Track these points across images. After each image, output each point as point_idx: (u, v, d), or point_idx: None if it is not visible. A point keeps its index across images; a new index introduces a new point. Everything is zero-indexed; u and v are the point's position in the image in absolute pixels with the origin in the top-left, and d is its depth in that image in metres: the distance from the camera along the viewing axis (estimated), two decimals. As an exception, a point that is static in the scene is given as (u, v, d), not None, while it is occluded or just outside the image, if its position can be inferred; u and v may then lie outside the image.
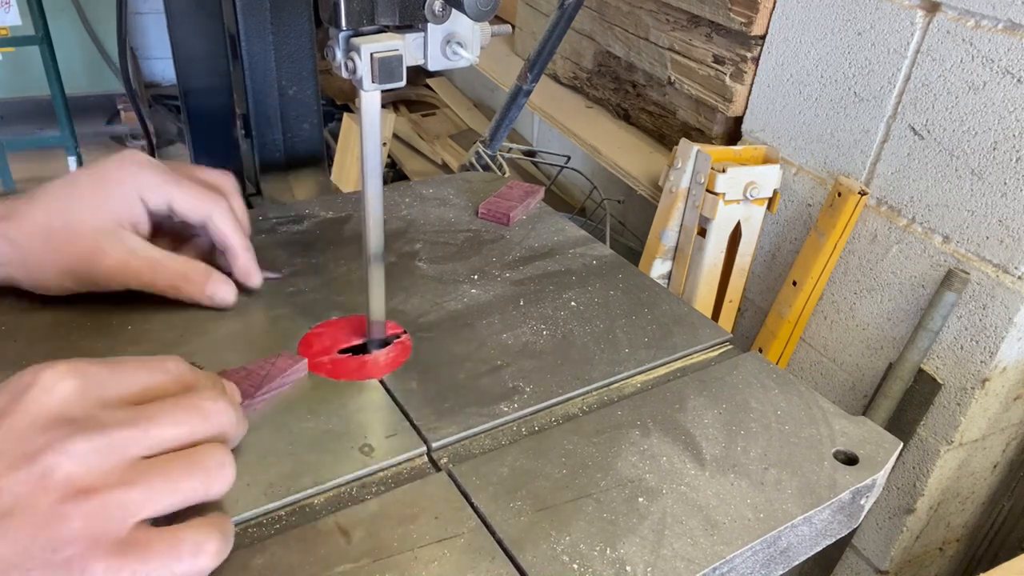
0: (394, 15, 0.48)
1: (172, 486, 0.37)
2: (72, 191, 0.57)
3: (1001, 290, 1.07)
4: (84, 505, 0.35)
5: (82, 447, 0.35)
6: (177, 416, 0.39)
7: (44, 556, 0.34)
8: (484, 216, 0.80)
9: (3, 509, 0.34)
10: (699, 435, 0.53)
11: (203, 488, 0.39)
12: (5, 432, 0.35)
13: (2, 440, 0.35)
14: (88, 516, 0.35)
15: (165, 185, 0.58)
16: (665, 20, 1.58)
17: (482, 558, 0.43)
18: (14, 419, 0.36)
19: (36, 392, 0.37)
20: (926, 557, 1.36)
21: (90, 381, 0.38)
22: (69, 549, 0.34)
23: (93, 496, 0.35)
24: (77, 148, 2.47)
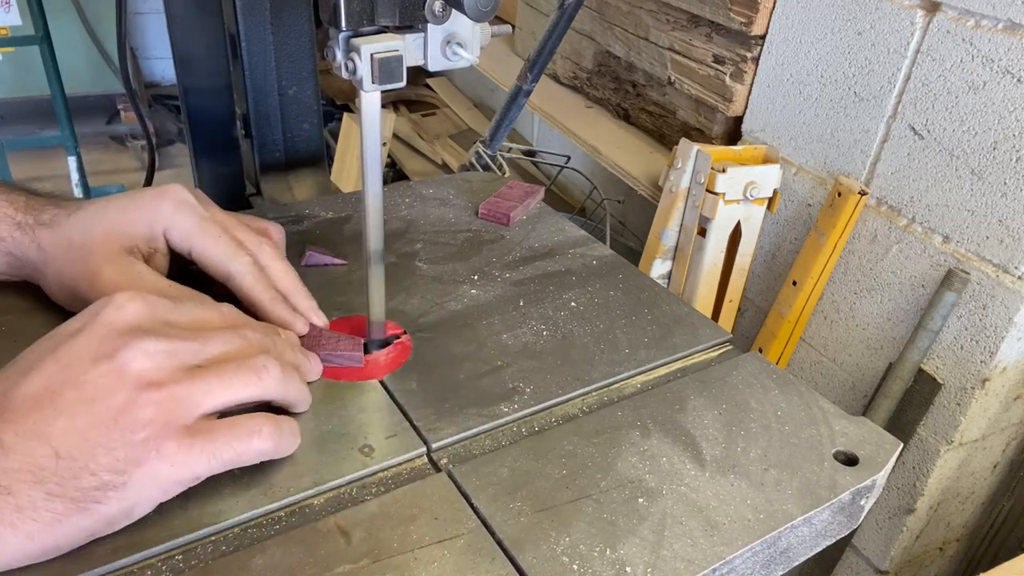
0: (394, 15, 0.48)
1: (226, 381, 0.44)
2: (103, 210, 0.57)
3: (1001, 290, 1.07)
4: (155, 395, 0.41)
5: (153, 346, 0.42)
6: (227, 337, 0.47)
7: (124, 437, 0.40)
8: (484, 216, 0.80)
9: (88, 398, 0.40)
10: (699, 436, 0.53)
11: (255, 384, 0.46)
12: (87, 339, 0.42)
13: (86, 344, 0.42)
14: (158, 404, 0.41)
15: (193, 231, 0.57)
16: (665, 20, 1.58)
17: (482, 559, 0.43)
18: (94, 329, 0.42)
19: (111, 309, 0.43)
20: (926, 557, 1.36)
21: (155, 306, 0.45)
22: (144, 431, 0.40)
23: (162, 388, 0.41)
24: (77, 148, 2.47)
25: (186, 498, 0.45)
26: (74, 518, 0.39)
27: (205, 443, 0.42)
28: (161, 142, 3.49)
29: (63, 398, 0.40)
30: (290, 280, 0.60)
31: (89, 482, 0.39)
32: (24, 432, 0.39)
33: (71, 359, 0.41)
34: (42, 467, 0.38)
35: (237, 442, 0.44)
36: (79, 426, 0.39)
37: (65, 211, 0.57)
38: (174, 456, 0.41)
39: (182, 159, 3.38)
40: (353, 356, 0.57)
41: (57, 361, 0.41)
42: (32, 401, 0.40)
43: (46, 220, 0.56)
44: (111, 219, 0.56)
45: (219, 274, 0.57)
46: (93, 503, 0.39)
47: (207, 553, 0.43)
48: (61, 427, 0.39)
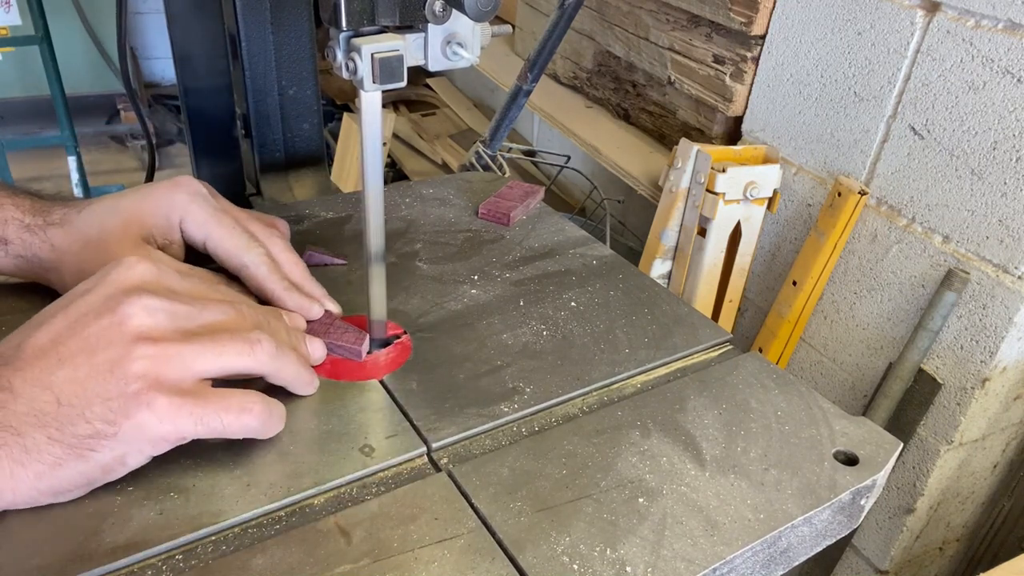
0: (394, 15, 0.48)
1: (219, 347, 0.46)
2: (116, 204, 0.57)
3: (1001, 290, 1.07)
4: (149, 349, 0.43)
5: (153, 303, 0.44)
6: (224, 308, 0.48)
7: (119, 387, 0.42)
8: (484, 216, 0.80)
9: (90, 348, 0.42)
10: (699, 435, 0.53)
11: (247, 355, 0.47)
12: (94, 295, 0.45)
13: (93, 301, 0.44)
14: (151, 359, 0.43)
15: (207, 221, 0.58)
16: (665, 20, 1.58)
17: (482, 559, 0.43)
18: (102, 287, 0.45)
19: (120, 269, 0.46)
20: (926, 557, 1.36)
21: (162, 271, 0.48)
22: (137, 384, 0.42)
23: (156, 344, 0.43)
24: (77, 148, 2.47)
25: (186, 498, 0.45)
26: (72, 462, 0.42)
27: (194, 406, 0.44)
28: (161, 142, 3.48)
29: (67, 348, 0.42)
30: (300, 271, 0.61)
31: (84, 429, 0.41)
32: (31, 379, 0.42)
33: (78, 314, 0.44)
34: (44, 412, 0.41)
35: (226, 413, 0.45)
36: (79, 375, 0.42)
37: (75, 209, 0.57)
38: (163, 412, 0.43)
39: (182, 159, 3.38)
40: (353, 350, 0.57)
41: (66, 316, 0.44)
42: (39, 351, 0.43)
43: (56, 220, 0.57)
44: (127, 212, 0.57)
45: (233, 264, 0.58)
46: (88, 450, 0.42)
47: (207, 553, 0.43)
48: (63, 376, 0.42)
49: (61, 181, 2.88)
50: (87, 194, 2.52)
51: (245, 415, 0.46)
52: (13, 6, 2.30)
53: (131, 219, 0.57)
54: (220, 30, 0.95)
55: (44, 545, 0.42)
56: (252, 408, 0.46)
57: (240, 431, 0.46)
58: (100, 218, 0.57)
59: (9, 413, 0.41)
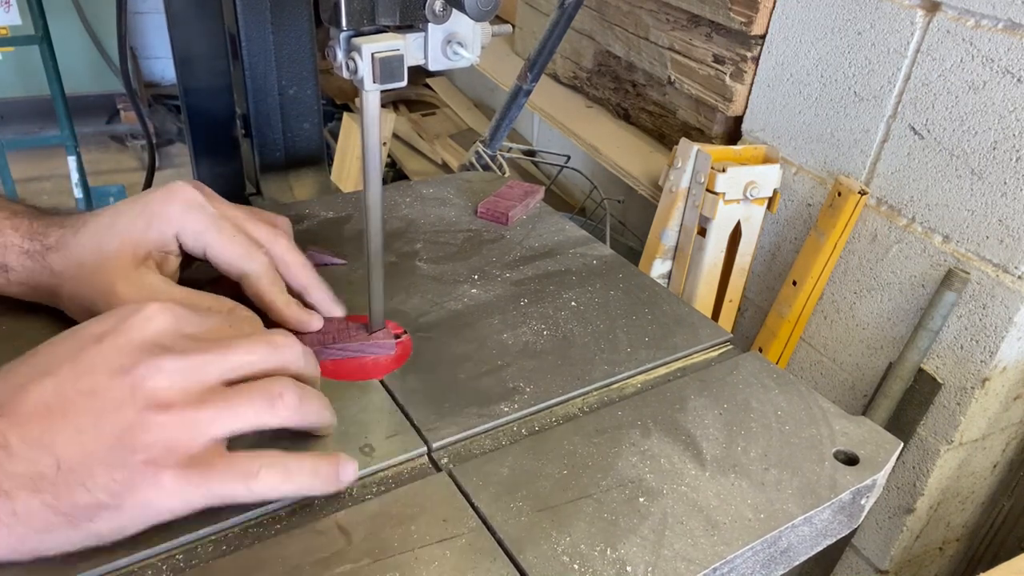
0: (395, 15, 0.48)
1: (234, 410, 0.43)
2: (110, 224, 0.55)
3: (1001, 290, 1.07)
4: (162, 417, 0.40)
5: (170, 365, 0.41)
6: (251, 347, 0.45)
7: (125, 456, 0.39)
8: (483, 216, 0.80)
9: (97, 410, 0.40)
10: (699, 435, 0.53)
11: (267, 412, 0.44)
12: (110, 347, 0.42)
13: (107, 353, 0.41)
14: (163, 427, 0.40)
15: (205, 232, 0.56)
16: (665, 20, 1.58)
17: (483, 558, 0.43)
18: (118, 337, 0.42)
19: (138, 319, 0.43)
20: (926, 557, 1.36)
21: (180, 319, 0.45)
22: (145, 453, 0.40)
23: (170, 411, 0.41)
24: (77, 148, 2.47)
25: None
26: (64, 530, 0.39)
27: (201, 478, 0.41)
28: (161, 142, 3.48)
29: (73, 407, 0.39)
30: (307, 273, 0.60)
31: (84, 499, 0.39)
32: (30, 439, 0.38)
33: (87, 367, 0.41)
34: (42, 476, 0.38)
35: (232, 482, 0.42)
36: (84, 440, 0.39)
37: (71, 230, 0.55)
38: (170, 486, 0.40)
39: (182, 159, 3.38)
40: (386, 344, 0.58)
41: (74, 367, 0.41)
42: (42, 406, 0.39)
43: (52, 244, 0.55)
44: (121, 233, 0.54)
45: (233, 274, 0.57)
46: (85, 520, 0.39)
47: (207, 553, 0.43)
48: (66, 438, 0.39)
49: (61, 181, 2.88)
50: (87, 194, 2.52)
51: (252, 481, 0.43)
52: (13, 6, 2.30)
53: (126, 240, 0.54)
54: (220, 30, 0.95)
55: (44, 545, 0.41)
56: (258, 473, 0.43)
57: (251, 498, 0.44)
58: (96, 240, 0.54)
59: (2, 474, 0.37)
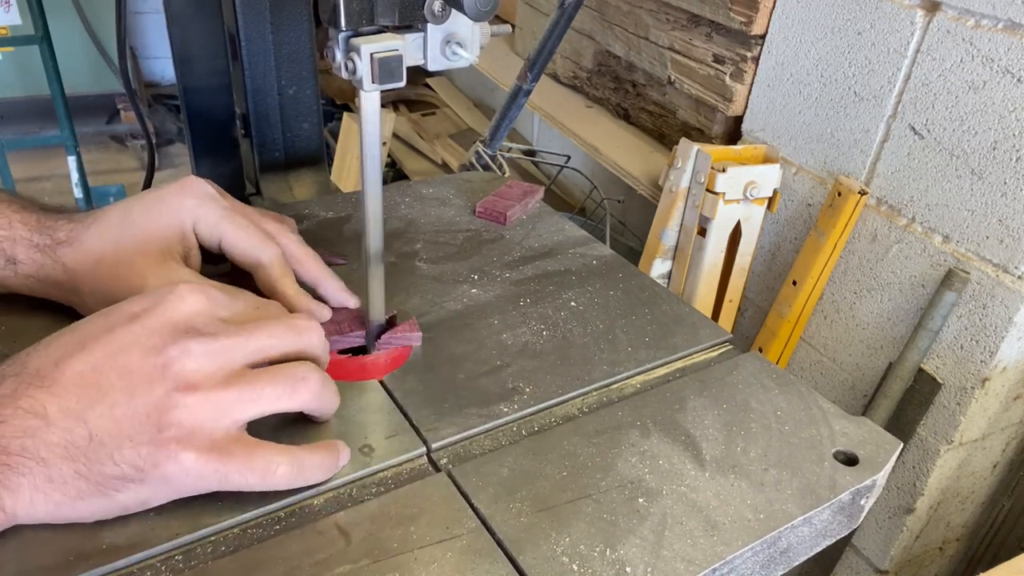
0: (393, 15, 0.48)
1: (256, 393, 0.44)
2: (126, 217, 0.56)
3: (1001, 290, 1.07)
4: (188, 397, 0.42)
5: (199, 348, 0.43)
6: (274, 330, 0.47)
7: (151, 433, 0.41)
8: (481, 215, 0.80)
9: (130, 388, 0.41)
10: (699, 435, 0.53)
11: (286, 396, 0.46)
12: (141, 327, 0.43)
13: (139, 333, 0.43)
14: (190, 407, 0.42)
15: (221, 222, 0.57)
16: (665, 20, 1.58)
17: (482, 559, 0.43)
18: (152, 318, 0.44)
19: (173, 299, 0.45)
20: (926, 557, 1.36)
21: (213, 300, 0.46)
22: (171, 431, 0.41)
23: (196, 392, 0.42)
24: (77, 148, 2.47)
25: (186, 498, 0.45)
26: (94, 498, 0.41)
27: (219, 463, 0.43)
28: (161, 142, 3.48)
29: (107, 381, 0.41)
30: (317, 266, 0.61)
31: (111, 471, 0.41)
32: (67, 409, 0.41)
33: (123, 345, 0.43)
34: (76, 445, 0.40)
35: (250, 472, 0.44)
36: (116, 413, 0.41)
37: (82, 225, 0.55)
38: (190, 466, 0.42)
39: (182, 159, 3.38)
40: (412, 336, 0.59)
41: (111, 343, 0.43)
42: (79, 379, 0.41)
43: (63, 238, 0.55)
44: (140, 226, 0.55)
45: (248, 263, 0.58)
46: (112, 490, 0.41)
47: (207, 553, 0.43)
48: (100, 411, 0.41)
49: (61, 181, 2.88)
50: (87, 194, 2.52)
51: (269, 476, 0.45)
52: (13, 6, 2.30)
53: (146, 233, 0.55)
54: (220, 30, 0.95)
55: (44, 545, 0.42)
56: (277, 470, 0.45)
57: (266, 487, 0.45)
58: (113, 233, 0.55)
59: (40, 442, 0.40)
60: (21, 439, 0.40)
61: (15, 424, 0.40)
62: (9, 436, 0.40)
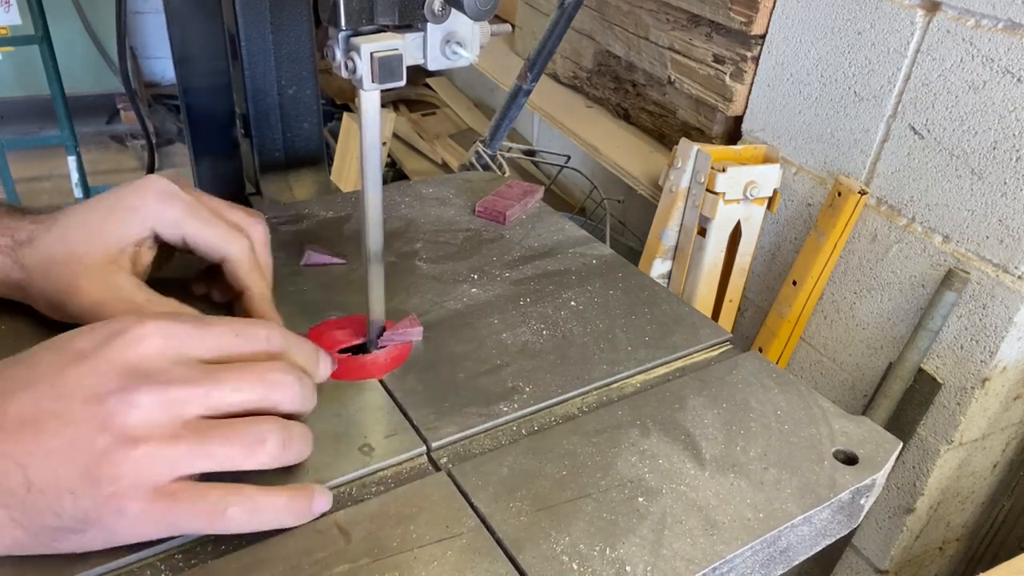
0: (393, 15, 0.48)
1: (207, 451, 0.41)
2: (83, 217, 0.54)
3: (1001, 290, 1.07)
4: (131, 452, 0.39)
5: (145, 400, 0.40)
6: (240, 383, 0.43)
7: (91, 488, 0.38)
8: (480, 215, 0.80)
9: (70, 437, 0.39)
10: (699, 435, 0.53)
11: (241, 457, 0.42)
12: (87, 371, 0.40)
13: (86, 376, 0.40)
14: (131, 462, 0.39)
15: (183, 219, 0.54)
16: (665, 19, 1.58)
17: (482, 558, 0.43)
18: (97, 361, 0.40)
19: (121, 342, 0.41)
20: (926, 557, 1.36)
21: (172, 340, 0.42)
22: (111, 487, 0.39)
23: (140, 447, 0.39)
24: (77, 148, 2.47)
25: (186, 497, 0.45)
26: (30, 546, 0.39)
27: (167, 511, 0.40)
28: (161, 142, 3.49)
29: (48, 429, 0.39)
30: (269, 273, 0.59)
31: (52, 522, 0.39)
32: (4, 452, 0.38)
33: (67, 389, 0.40)
34: (12, 492, 0.38)
35: (197, 518, 0.41)
36: (54, 463, 0.38)
37: (44, 226, 0.53)
38: (135, 518, 0.40)
39: (182, 159, 3.38)
40: (413, 331, 0.59)
41: (55, 386, 0.40)
42: (18, 423, 0.39)
43: (24, 239, 0.53)
44: (92, 228, 0.53)
45: (214, 258, 0.56)
46: (52, 540, 0.39)
47: (207, 553, 0.43)
48: (39, 459, 0.38)
49: (61, 181, 2.88)
50: (87, 194, 2.52)
51: (218, 520, 0.41)
52: (13, 6, 2.30)
53: (96, 233, 0.53)
54: (220, 30, 0.95)
55: (43, 544, 0.41)
56: (226, 511, 0.41)
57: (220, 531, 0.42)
58: (66, 235, 0.53)
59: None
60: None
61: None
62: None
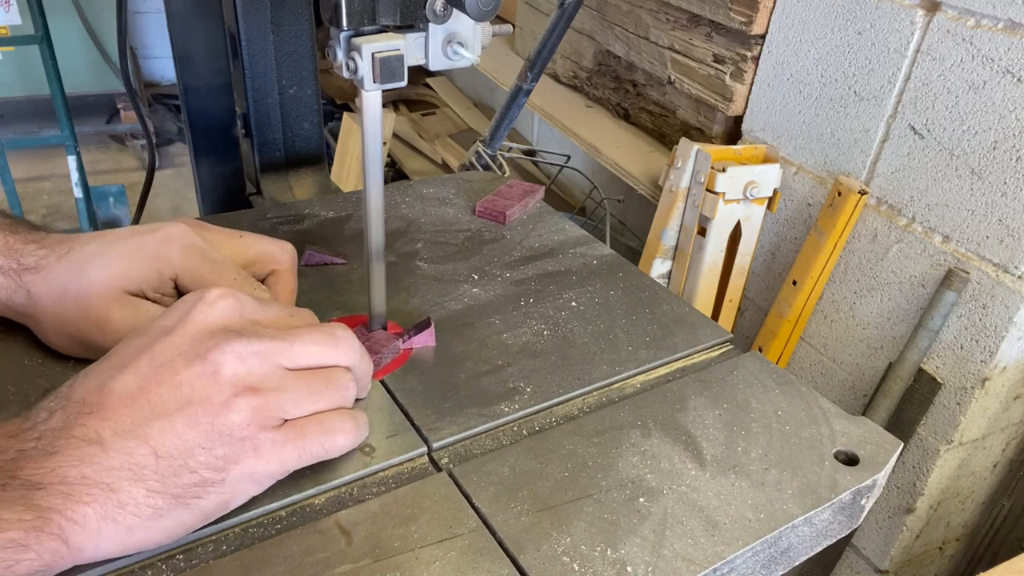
0: (395, 15, 0.48)
1: (316, 396, 0.45)
2: (102, 256, 0.53)
3: (1001, 289, 1.07)
4: (251, 400, 0.42)
5: (242, 348, 0.42)
6: (315, 337, 0.46)
7: (222, 438, 0.41)
8: (480, 214, 0.80)
9: (184, 399, 0.41)
10: (700, 435, 0.53)
11: (338, 399, 0.46)
12: (179, 337, 0.43)
13: (179, 344, 0.42)
14: (253, 409, 0.42)
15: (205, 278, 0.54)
16: (665, 19, 1.58)
17: (483, 558, 0.43)
18: (186, 327, 0.43)
19: (202, 306, 0.44)
20: (926, 556, 1.36)
21: (243, 304, 0.46)
22: (242, 432, 0.42)
23: (257, 395, 0.42)
24: (77, 147, 2.47)
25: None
26: (174, 512, 0.40)
27: (296, 440, 0.44)
28: (161, 141, 3.49)
29: (158, 396, 0.41)
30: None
31: (190, 479, 0.40)
32: (122, 431, 0.40)
33: (164, 358, 0.42)
34: (142, 465, 0.39)
35: (324, 439, 0.45)
36: (176, 427, 0.40)
37: (54, 254, 0.53)
38: (269, 453, 0.43)
39: (182, 158, 3.39)
40: (395, 347, 0.59)
41: (151, 359, 0.42)
42: (128, 399, 0.40)
43: (31, 264, 0.52)
44: (113, 266, 0.53)
45: None
46: (193, 498, 0.41)
47: (207, 553, 0.43)
48: (158, 427, 0.40)
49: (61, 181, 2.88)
50: (87, 194, 2.52)
51: (340, 436, 0.46)
52: (13, 5, 2.30)
53: (117, 273, 0.52)
54: (220, 30, 0.95)
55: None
56: (345, 428, 0.46)
57: (337, 452, 0.46)
58: (83, 269, 0.52)
59: (100, 469, 0.38)
60: (79, 467, 0.38)
61: (71, 453, 0.38)
62: (67, 465, 0.38)
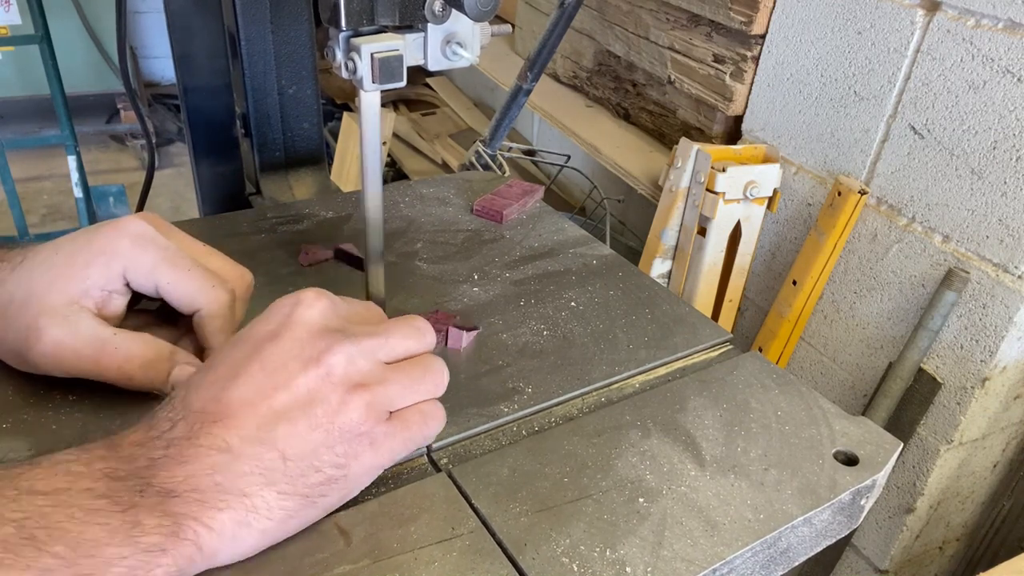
0: (394, 15, 0.48)
1: (415, 385, 0.46)
2: (48, 260, 0.50)
3: (1001, 289, 1.07)
4: (363, 395, 0.43)
5: (350, 348, 0.44)
6: (405, 331, 0.48)
7: (343, 435, 0.43)
8: (478, 213, 0.80)
9: (303, 401, 0.42)
10: (699, 436, 0.53)
11: (434, 387, 0.47)
12: (289, 341, 0.43)
13: (288, 348, 0.43)
14: (367, 405, 0.43)
15: (158, 267, 0.51)
16: (665, 19, 1.58)
17: (482, 559, 0.43)
18: (291, 331, 0.44)
19: (302, 309, 0.45)
20: (926, 556, 1.36)
21: (335, 303, 0.47)
22: (359, 428, 0.43)
23: (367, 390, 0.44)
24: (77, 147, 2.47)
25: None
26: (303, 511, 0.42)
27: (403, 431, 0.45)
28: (161, 141, 3.49)
29: (279, 402, 0.41)
30: None
31: (316, 478, 0.42)
32: (249, 437, 0.40)
33: (277, 363, 0.42)
34: (272, 469, 0.40)
35: (425, 427, 0.46)
36: (299, 429, 0.41)
37: (9, 264, 0.51)
38: (383, 445, 0.44)
39: (182, 158, 3.39)
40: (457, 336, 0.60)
41: (263, 365, 0.42)
42: (248, 406, 0.41)
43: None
44: (56, 271, 0.50)
45: (187, 308, 0.52)
46: (320, 496, 0.42)
47: (207, 553, 0.43)
48: (283, 431, 0.41)
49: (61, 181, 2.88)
50: (87, 194, 2.52)
51: (434, 423, 0.47)
52: (13, 5, 2.30)
53: (61, 275, 0.50)
54: (220, 29, 0.95)
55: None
56: (437, 414, 0.47)
57: (432, 438, 0.48)
58: (29, 276, 0.50)
59: (233, 476, 0.39)
60: (212, 475, 0.39)
61: (202, 462, 0.39)
62: (200, 474, 0.39)
